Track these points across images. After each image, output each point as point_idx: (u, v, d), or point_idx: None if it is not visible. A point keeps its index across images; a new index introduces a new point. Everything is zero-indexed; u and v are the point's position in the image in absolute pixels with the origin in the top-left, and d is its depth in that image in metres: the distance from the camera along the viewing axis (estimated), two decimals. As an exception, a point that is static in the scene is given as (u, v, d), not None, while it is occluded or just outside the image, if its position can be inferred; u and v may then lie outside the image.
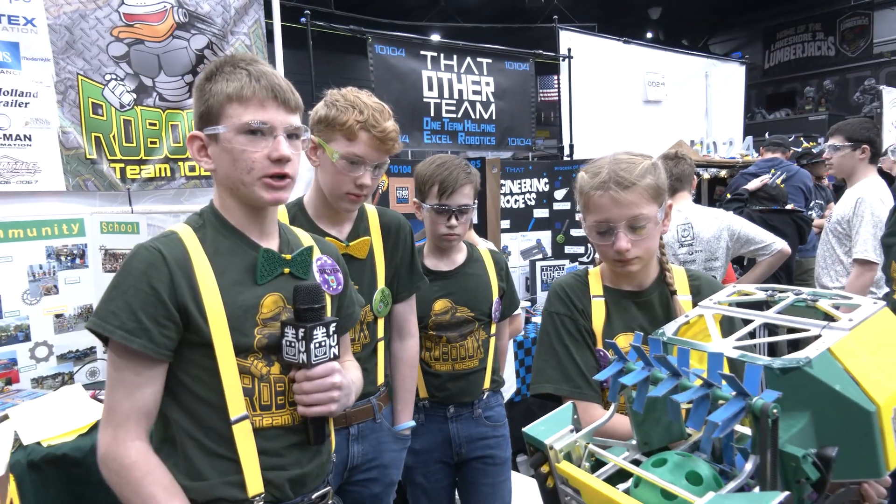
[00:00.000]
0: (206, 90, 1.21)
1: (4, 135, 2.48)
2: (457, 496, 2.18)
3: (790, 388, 0.73)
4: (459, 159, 2.06)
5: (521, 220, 3.95)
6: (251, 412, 1.19)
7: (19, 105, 2.51)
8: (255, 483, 1.17)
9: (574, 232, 4.12)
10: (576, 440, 0.85)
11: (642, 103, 5.31)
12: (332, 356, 1.22)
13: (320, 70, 3.64)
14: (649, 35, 16.08)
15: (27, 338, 2.49)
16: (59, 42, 2.59)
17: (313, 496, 1.27)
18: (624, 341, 1.44)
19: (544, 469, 0.85)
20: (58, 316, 2.57)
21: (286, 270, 1.26)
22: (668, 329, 0.96)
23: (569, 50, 4.55)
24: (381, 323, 1.79)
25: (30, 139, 2.54)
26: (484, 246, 2.79)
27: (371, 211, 1.81)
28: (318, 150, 1.61)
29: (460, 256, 2.11)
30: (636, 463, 0.85)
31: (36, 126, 2.55)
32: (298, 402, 1.21)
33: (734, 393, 0.71)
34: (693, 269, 1.58)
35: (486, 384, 2.09)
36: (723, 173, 5.48)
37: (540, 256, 4.04)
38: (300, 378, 1.19)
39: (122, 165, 2.77)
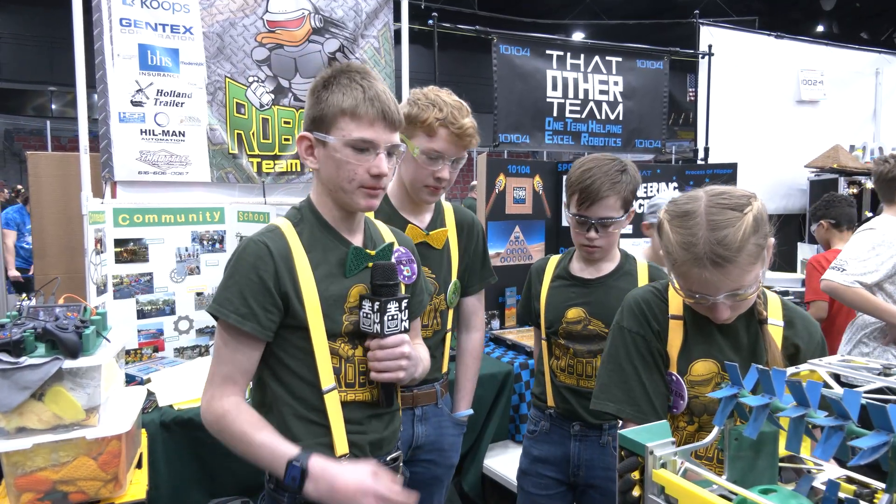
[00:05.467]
0: (321, 98, 1.31)
1: (164, 131, 2.80)
2: None
3: None
4: (612, 164, 1.82)
5: (644, 225, 3.78)
6: (338, 387, 1.33)
7: (176, 105, 2.82)
8: (342, 444, 1.32)
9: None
10: (675, 453, 0.82)
11: (794, 104, 4.85)
12: (402, 329, 1.33)
13: (445, 68, 3.72)
14: (820, 28, 14.67)
15: (172, 311, 2.80)
16: (211, 48, 2.88)
17: (388, 458, 1.41)
18: (701, 368, 1.34)
19: (634, 476, 0.82)
20: (198, 294, 2.86)
21: (370, 264, 1.37)
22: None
23: (709, 47, 4.27)
24: (450, 313, 1.90)
25: (183, 135, 2.85)
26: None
27: (448, 207, 1.91)
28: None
29: (609, 265, 1.92)
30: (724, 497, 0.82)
31: (189, 123, 2.86)
32: (371, 368, 1.32)
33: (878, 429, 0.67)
34: (789, 302, 1.42)
35: None
36: (890, 182, 4.87)
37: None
38: (374, 346, 1.31)
39: (259, 160, 3.03)
